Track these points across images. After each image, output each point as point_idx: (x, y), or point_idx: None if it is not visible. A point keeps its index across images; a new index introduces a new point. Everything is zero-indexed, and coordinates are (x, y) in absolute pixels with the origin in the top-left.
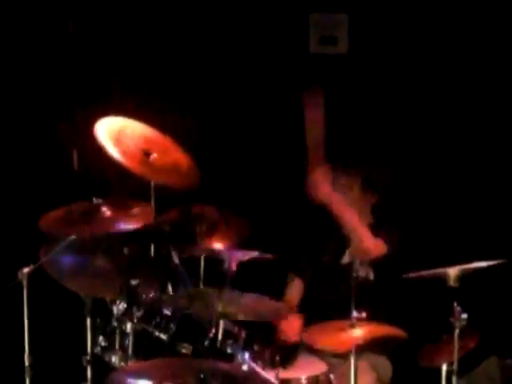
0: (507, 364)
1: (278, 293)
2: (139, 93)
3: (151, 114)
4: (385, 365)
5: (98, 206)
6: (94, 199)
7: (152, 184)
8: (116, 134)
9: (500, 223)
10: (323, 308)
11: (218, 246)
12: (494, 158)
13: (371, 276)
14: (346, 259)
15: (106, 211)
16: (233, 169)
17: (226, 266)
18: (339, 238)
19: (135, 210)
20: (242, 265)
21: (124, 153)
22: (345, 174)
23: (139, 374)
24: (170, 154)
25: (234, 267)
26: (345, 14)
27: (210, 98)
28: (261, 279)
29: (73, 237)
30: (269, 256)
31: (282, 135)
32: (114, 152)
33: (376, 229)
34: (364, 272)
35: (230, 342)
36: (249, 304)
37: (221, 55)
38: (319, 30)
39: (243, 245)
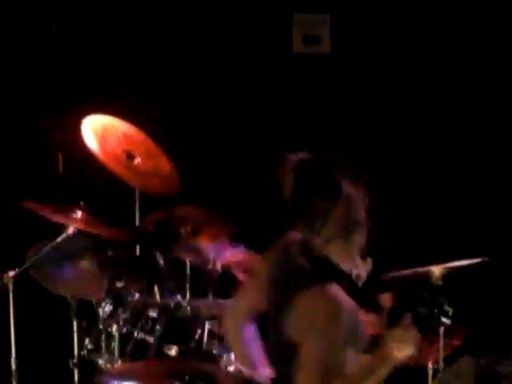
0: (481, 363)
1: None
2: (122, 94)
3: (133, 116)
4: None
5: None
6: (81, 203)
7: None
8: (101, 132)
9: (482, 222)
10: None
11: (203, 245)
12: (476, 158)
13: None
14: None
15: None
16: (218, 169)
17: (210, 266)
18: None
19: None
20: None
21: (108, 154)
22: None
23: (125, 376)
24: (152, 157)
25: (218, 267)
26: (328, 13)
27: (192, 99)
28: None
29: (58, 239)
30: (256, 257)
31: (265, 134)
32: (98, 152)
33: None
34: None
35: (215, 342)
36: None
37: (203, 55)
38: (302, 30)
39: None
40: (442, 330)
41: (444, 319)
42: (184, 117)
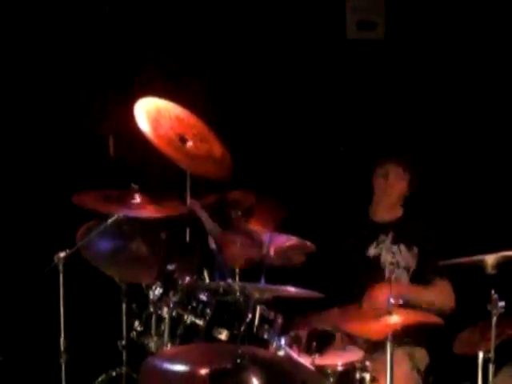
0: None
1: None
2: (176, 77)
3: (185, 99)
4: (421, 353)
5: (132, 192)
6: (132, 185)
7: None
8: (154, 115)
9: None
10: (344, 297)
11: (256, 230)
12: None
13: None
14: (371, 252)
15: (137, 198)
16: (269, 154)
17: (264, 251)
18: (368, 229)
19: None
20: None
21: (161, 137)
22: (384, 162)
23: (175, 359)
24: (204, 141)
25: (272, 253)
26: None
27: (246, 84)
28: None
29: (109, 221)
30: (308, 244)
31: (318, 121)
32: (151, 135)
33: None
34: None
35: (266, 327)
36: None
37: (257, 41)
38: (356, 16)
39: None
40: (494, 319)
41: None
42: (237, 102)
